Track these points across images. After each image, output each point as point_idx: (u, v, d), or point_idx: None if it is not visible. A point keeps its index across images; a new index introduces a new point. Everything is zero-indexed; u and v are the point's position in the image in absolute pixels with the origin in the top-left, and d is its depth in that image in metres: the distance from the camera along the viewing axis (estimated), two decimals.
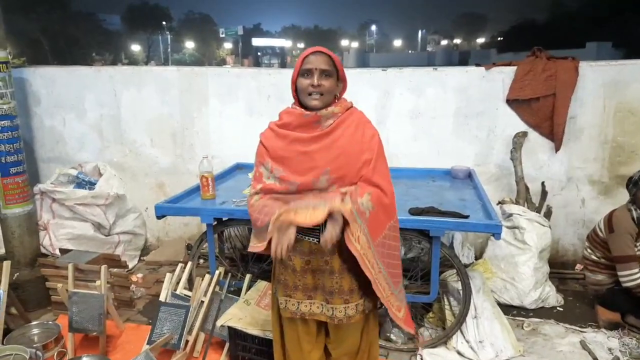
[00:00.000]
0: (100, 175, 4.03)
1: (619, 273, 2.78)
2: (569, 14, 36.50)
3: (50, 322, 2.84)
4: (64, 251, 3.40)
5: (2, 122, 3.17)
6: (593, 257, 2.99)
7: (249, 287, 2.79)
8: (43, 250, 3.58)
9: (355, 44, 60.64)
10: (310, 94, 1.72)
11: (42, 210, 3.67)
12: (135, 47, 49.80)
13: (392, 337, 2.76)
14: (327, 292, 1.83)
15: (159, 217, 2.78)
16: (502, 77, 3.55)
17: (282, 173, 1.76)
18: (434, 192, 3.05)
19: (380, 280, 1.76)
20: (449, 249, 2.70)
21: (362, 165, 1.75)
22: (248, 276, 2.83)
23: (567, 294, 3.35)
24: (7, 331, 2.71)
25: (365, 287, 1.83)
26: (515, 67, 3.50)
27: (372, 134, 1.80)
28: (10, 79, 3.23)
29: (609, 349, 2.65)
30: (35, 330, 2.77)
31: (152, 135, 4.22)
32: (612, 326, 2.89)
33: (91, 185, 3.90)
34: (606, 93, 3.40)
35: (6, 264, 2.76)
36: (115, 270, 3.22)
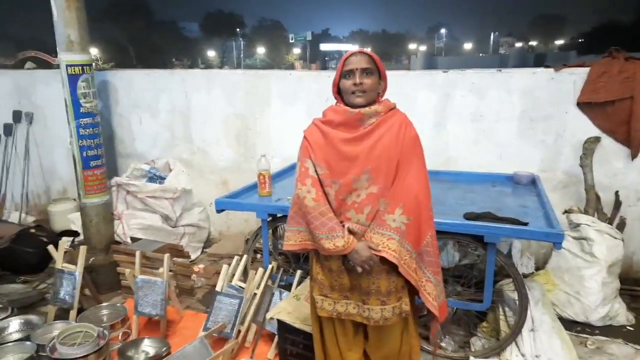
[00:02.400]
0: (170, 170, 4.32)
1: None
2: None
3: (119, 305, 3.09)
4: (134, 239, 3.68)
5: (85, 119, 3.50)
6: None
7: (299, 283, 2.86)
8: (116, 238, 3.90)
9: (423, 48, 59.50)
10: (353, 93, 1.76)
11: (117, 201, 4.00)
12: (211, 53, 52.48)
13: (443, 344, 2.70)
14: (363, 292, 1.84)
15: (218, 211, 2.93)
16: (574, 78, 3.35)
17: (324, 171, 1.80)
18: (493, 198, 2.95)
19: (420, 275, 1.81)
20: (506, 257, 2.60)
21: (400, 166, 1.76)
22: (298, 272, 2.90)
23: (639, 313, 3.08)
24: (80, 310, 2.99)
25: (403, 289, 1.83)
26: (588, 69, 3.29)
27: (413, 136, 1.80)
28: (93, 80, 3.56)
29: None
30: (105, 311, 3.03)
31: (218, 134, 4.45)
32: None
33: (161, 179, 4.19)
34: None
35: (82, 249, 3.05)
36: (178, 259, 3.44)
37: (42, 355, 2.45)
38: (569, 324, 2.92)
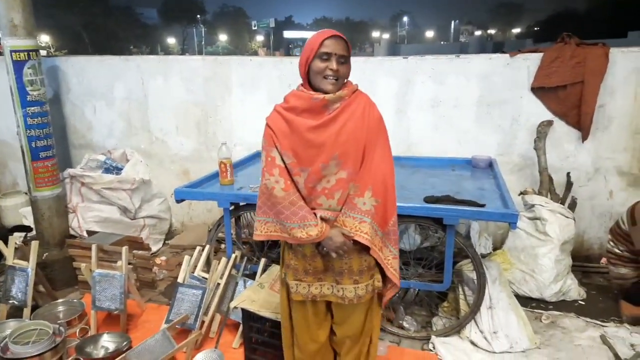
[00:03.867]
0: (127, 161, 4.18)
1: None
2: (611, 3, 34.82)
3: (75, 300, 2.98)
4: (91, 233, 3.55)
5: (32, 108, 3.32)
6: (616, 250, 2.88)
7: (263, 271, 2.84)
8: (72, 232, 3.75)
9: (386, 36, 59.87)
10: (326, 77, 1.72)
11: (71, 194, 3.84)
12: (171, 40, 50.95)
13: (405, 324, 2.76)
14: (336, 273, 1.86)
15: (178, 201, 2.86)
16: (528, 64, 3.45)
17: (291, 160, 1.77)
18: (453, 182, 3.01)
19: (385, 252, 1.85)
20: (464, 238, 2.67)
21: (366, 149, 1.77)
22: (263, 260, 2.88)
23: (591, 287, 3.25)
24: (35, 307, 2.87)
25: (374, 267, 1.87)
26: (541, 54, 3.39)
27: (377, 118, 1.80)
28: (40, 67, 3.38)
29: (631, 345, 2.56)
30: (61, 308, 2.91)
31: (178, 123, 4.33)
32: (636, 321, 2.79)
33: (118, 170, 4.05)
34: (638, 80, 3.24)
35: (34, 244, 2.91)
36: (138, 252, 3.35)
37: None
38: (525, 301, 3.04)
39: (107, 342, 2.59)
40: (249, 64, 4.12)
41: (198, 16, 51.45)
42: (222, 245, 3.87)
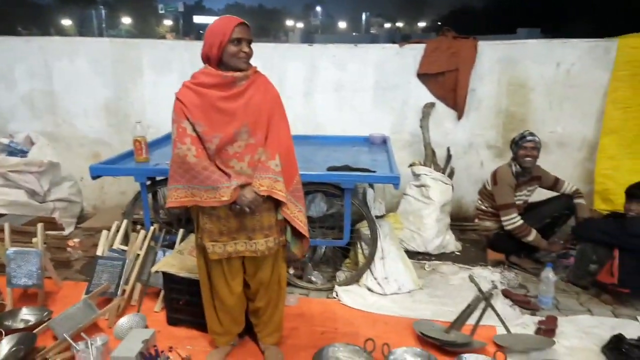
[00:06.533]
0: (32, 144, 4.08)
1: (502, 219, 3.31)
2: (503, 1, 38.44)
3: None
4: None
5: None
6: (482, 207, 3.51)
7: (182, 240, 3.05)
8: None
9: (300, 25, 60.35)
10: (240, 59, 2.00)
11: None
12: (67, 22, 46.61)
13: (313, 279, 3.15)
14: (249, 230, 2.13)
15: (93, 178, 2.95)
16: (414, 53, 3.98)
17: (203, 128, 2.02)
18: (352, 155, 3.44)
19: (291, 207, 2.14)
20: (361, 202, 3.10)
21: (271, 119, 2.08)
22: (181, 231, 3.09)
23: (466, 241, 3.90)
24: None
25: (282, 222, 2.17)
26: (424, 45, 3.93)
27: (277, 94, 2.14)
28: None
29: (492, 281, 3.18)
30: None
31: (86, 105, 4.30)
32: (497, 264, 3.44)
33: (23, 153, 3.95)
34: (500, 68, 3.92)
35: None
36: (52, 232, 3.36)
37: None
38: (413, 254, 3.59)
39: (27, 315, 2.65)
40: (160, 47, 4.22)
41: None
42: (138, 227, 3.96)
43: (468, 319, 2.69)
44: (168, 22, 50.70)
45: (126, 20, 49.92)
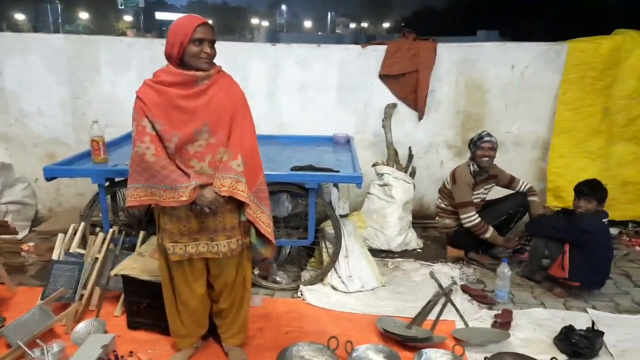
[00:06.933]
0: None
1: (461, 217, 3.41)
2: (464, 3, 39.54)
3: None
4: None
5: None
6: (442, 205, 3.62)
7: (142, 242, 2.98)
8: None
9: (265, 23, 59.97)
10: (201, 59, 1.98)
11: None
12: (19, 17, 44.42)
13: (278, 279, 3.15)
14: (211, 231, 2.11)
15: (48, 179, 2.85)
16: (376, 54, 4.04)
17: (163, 127, 1.99)
18: (316, 155, 3.46)
19: (254, 207, 2.11)
20: (325, 201, 3.13)
21: (234, 119, 2.06)
22: (142, 233, 3.02)
23: (427, 239, 4.00)
24: None
25: (246, 223, 2.15)
26: (386, 46, 4.00)
27: (241, 93, 2.12)
28: None
29: (451, 277, 3.28)
30: None
31: (40, 104, 4.14)
32: (456, 261, 3.56)
33: None
34: (458, 70, 4.04)
35: None
36: (4, 236, 3.22)
37: None
38: (377, 252, 3.65)
39: None
40: (118, 44, 4.11)
41: None
42: (97, 229, 3.85)
43: (429, 315, 2.77)
44: (129, 18, 49.20)
45: (84, 15, 48.11)
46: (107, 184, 2.96)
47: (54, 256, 2.84)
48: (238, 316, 2.37)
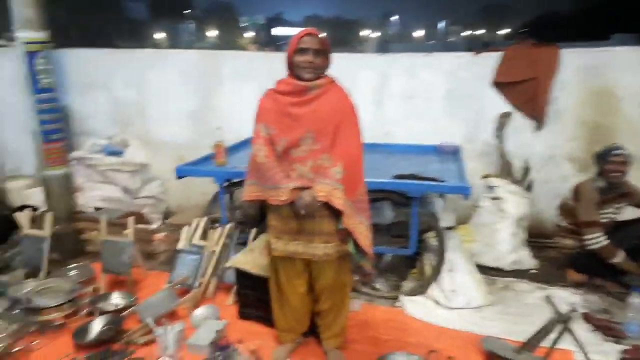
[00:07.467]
0: (127, 147, 4.51)
1: (585, 237, 3.09)
2: (593, 6, 35.72)
3: (86, 265, 3.32)
4: (96, 209, 3.88)
5: (44, 94, 3.65)
6: (563, 224, 3.31)
7: (254, 238, 3.20)
8: (78, 210, 4.07)
9: (376, 34, 60.47)
10: (304, 68, 2.11)
11: (77, 174, 4.17)
12: (159, 36, 50.63)
13: (378, 286, 3.16)
14: (308, 233, 2.21)
15: (179, 177, 3.22)
16: (490, 62, 3.87)
17: (274, 131, 2.16)
18: (421, 164, 3.40)
19: (352, 217, 2.15)
20: (428, 211, 3.07)
21: (338, 129, 2.12)
22: (254, 230, 3.25)
23: (543, 259, 3.68)
24: (48, 275, 3.20)
25: (341, 232, 2.19)
26: (501, 53, 3.81)
27: (350, 105, 2.19)
28: (50, 57, 3.70)
29: (571, 303, 2.97)
30: (74, 272, 3.26)
31: (173, 112, 4.67)
32: (578, 286, 3.22)
33: (119, 154, 4.39)
34: (584, 77, 3.68)
35: (49, 215, 3.26)
36: (141, 226, 3.70)
37: (18, 307, 2.68)
38: (485, 269, 3.44)
39: (117, 299, 2.95)
40: (240, 58, 4.49)
41: (186, 12, 51.30)
42: (216, 224, 4.22)
43: (542, 341, 2.55)
44: (250, 34, 53.20)
45: (212, 33, 53.15)
46: (226, 184, 3.25)
47: (179, 246, 3.19)
48: (337, 319, 2.43)
